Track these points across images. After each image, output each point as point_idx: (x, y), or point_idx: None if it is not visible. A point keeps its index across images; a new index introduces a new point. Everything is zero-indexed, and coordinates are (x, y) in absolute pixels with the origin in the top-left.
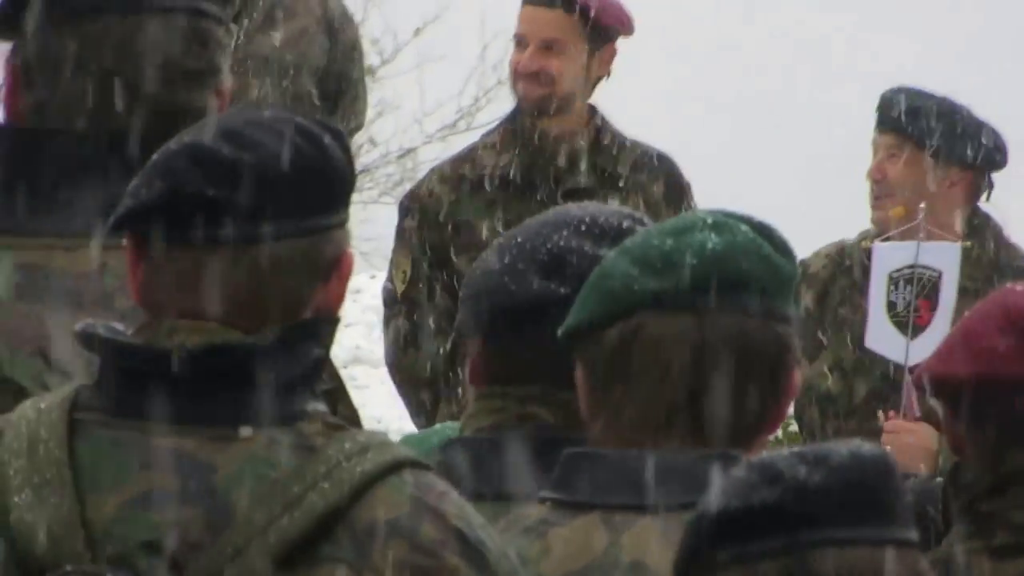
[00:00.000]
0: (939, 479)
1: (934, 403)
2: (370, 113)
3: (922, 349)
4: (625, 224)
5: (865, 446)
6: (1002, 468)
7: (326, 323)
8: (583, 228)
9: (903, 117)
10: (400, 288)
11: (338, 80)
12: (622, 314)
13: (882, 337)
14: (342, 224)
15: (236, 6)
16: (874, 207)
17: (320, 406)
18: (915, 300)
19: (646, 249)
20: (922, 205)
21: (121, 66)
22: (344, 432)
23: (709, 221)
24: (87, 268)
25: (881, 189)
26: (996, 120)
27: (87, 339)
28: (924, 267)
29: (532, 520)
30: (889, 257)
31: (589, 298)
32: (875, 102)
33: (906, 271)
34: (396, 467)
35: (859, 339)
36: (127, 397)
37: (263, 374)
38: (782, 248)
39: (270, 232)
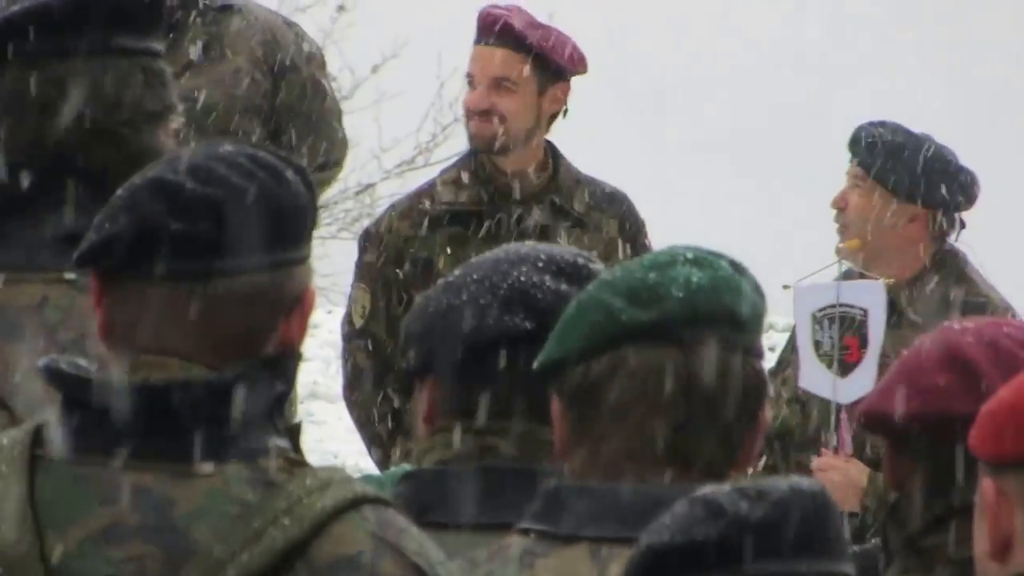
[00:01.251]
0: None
1: (875, 439)
2: None
3: (853, 386)
4: (580, 261)
5: (804, 481)
6: (942, 504)
7: (288, 359)
8: (540, 264)
9: (867, 150)
10: (359, 322)
11: (290, 120)
12: (608, 346)
13: (814, 376)
14: (304, 259)
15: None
16: (838, 237)
17: (282, 442)
18: (841, 338)
19: (630, 282)
20: (841, 245)
21: (87, 107)
22: (305, 468)
23: (689, 256)
24: (29, 301)
25: (841, 220)
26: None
27: (50, 374)
28: (848, 306)
29: (517, 551)
30: (811, 298)
31: (571, 331)
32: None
33: (829, 310)
34: (356, 504)
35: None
36: (89, 432)
37: (225, 410)
38: (755, 284)
39: (233, 267)
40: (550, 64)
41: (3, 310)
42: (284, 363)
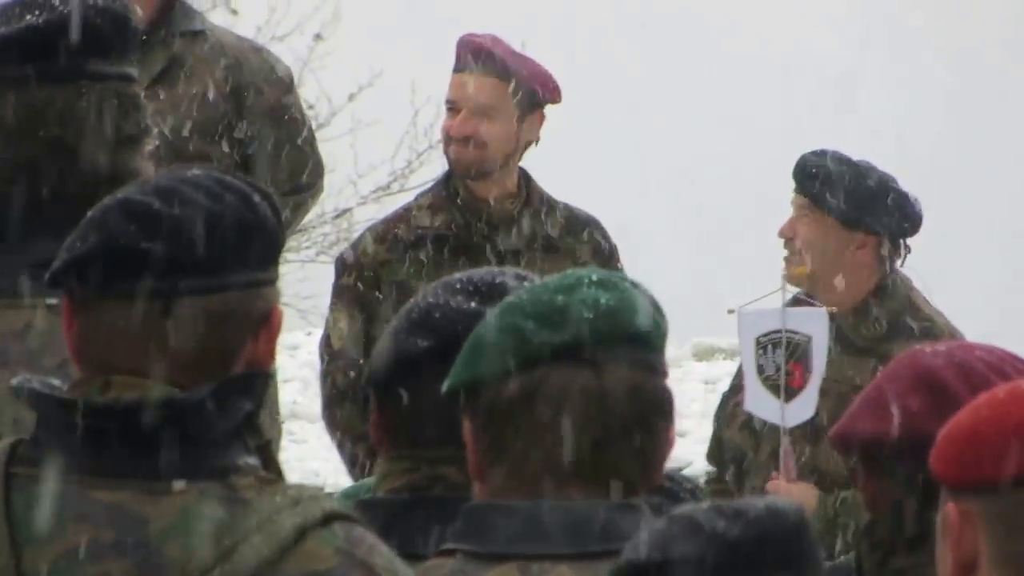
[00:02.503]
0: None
1: (850, 461)
2: None
3: (798, 410)
4: (498, 280)
5: (781, 500)
6: (917, 525)
7: (257, 378)
8: (457, 286)
9: (812, 181)
10: (337, 344)
11: (257, 144)
12: (520, 367)
13: (758, 400)
14: (272, 281)
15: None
16: (786, 265)
17: (252, 460)
18: (785, 364)
19: (538, 305)
20: (786, 272)
21: (65, 132)
22: (275, 485)
23: (594, 278)
24: (11, 327)
25: (790, 248)
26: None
27: (23, 394)
28: (792, 332)
29: (446, 570)
30: (755, 323)
31: (479, 354)
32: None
33: (773, 335)
34: (326, 520)
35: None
36: (63, 451)
37: (196, 429)
38: (657, 305)
39: (200, 286)
40: (529, 92)
41: None
42: (252, 382)
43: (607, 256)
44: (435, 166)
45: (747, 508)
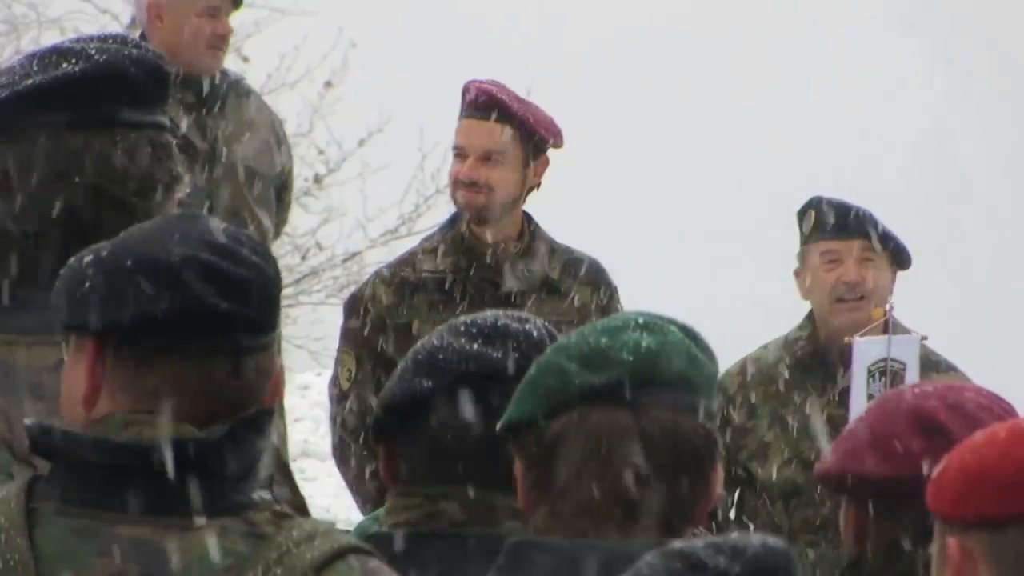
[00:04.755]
0: None
1: (835, 497)
2: (316, 219)
3: None
4: (501, 323)
5: (770, 539)
6: (902, 561)
7: (267, 416)
8: (462, 328)
9: (871, 224)
10: (345, 385)
11: (282, 186)
12: (561, 408)
13: None
14: (277, 333)
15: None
16: (849, 310)
17: (267, 495)
18: (887, 390)
19: (583, 347)
20: (890, 301)
21: (99, 179)
22: (292, 520)
23: (640, 321)
24: (46, 363)
25: (857, 292)
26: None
27: (40, 432)
28: (894, 360)
29: None
30: (867, 351)
31: (528, 393)
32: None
33: (880, 364)
34: (342, 553)
35: (813, 431)
36: (84, 488)
37: (216, 466)
38: (706, 349)
39: (256, 344)
40: (535, 138)
41: (24, 371)
42: (264, 420)
43: (607, 298)
44: (442, 210)
45: (744, 546)
